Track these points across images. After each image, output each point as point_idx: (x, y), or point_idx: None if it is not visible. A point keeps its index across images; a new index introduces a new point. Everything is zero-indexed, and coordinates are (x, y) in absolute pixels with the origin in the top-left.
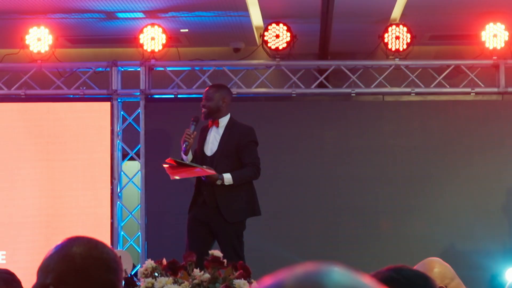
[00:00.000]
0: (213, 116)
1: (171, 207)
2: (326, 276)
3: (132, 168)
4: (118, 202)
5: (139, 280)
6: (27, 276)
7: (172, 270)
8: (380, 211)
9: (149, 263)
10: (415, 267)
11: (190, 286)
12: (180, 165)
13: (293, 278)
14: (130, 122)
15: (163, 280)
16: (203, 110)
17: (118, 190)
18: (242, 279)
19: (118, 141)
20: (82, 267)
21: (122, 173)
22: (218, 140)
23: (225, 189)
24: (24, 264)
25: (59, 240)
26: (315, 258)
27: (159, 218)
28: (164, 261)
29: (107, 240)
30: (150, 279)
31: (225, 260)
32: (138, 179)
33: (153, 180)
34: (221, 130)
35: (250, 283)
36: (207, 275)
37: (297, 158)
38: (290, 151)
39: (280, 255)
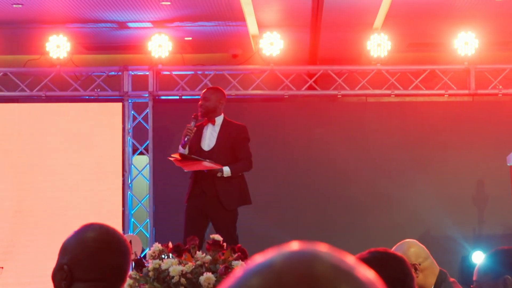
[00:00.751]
0: (209, 115)
1: (176, 196)
2: (316, 254)
3: (141, 162)
4: (129, 192)
5: (147, 261)
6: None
7: (177, 252)
8: (363, 201)
9: (157, 246)
10: (394, 247)
11: (193, 267)
12: (185, 158)
13: (282, 256)
14: (139, 120)
15: (169, 261)
16: (201, 109)
17: (129, 182)
18: (240, 260)
19: (128, 137)
20: (94, 250)
21: (132, 166)
22: (215, 137)
23: (223, 180)
24: (45, 247)
25: (75, 225)
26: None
27: (166, 206)
28: (170, 245)
29: (119, 226)
30: (157, 261)
31: (225, 244)
32: (147, 172)
33: (160, 172)
34: (217, 128)
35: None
36: (208, 257)
37: (288, 152)
38: (282, 146)
39: (272, 239)
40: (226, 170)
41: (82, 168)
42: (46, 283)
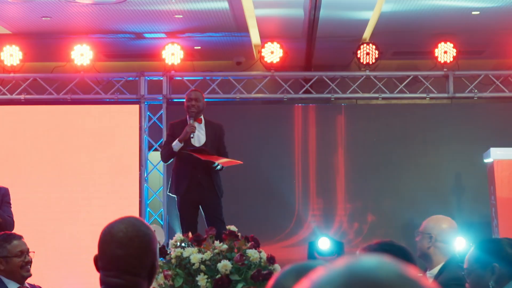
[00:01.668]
0: (198, 114)
1: None
2: (381, 264)
3: (156, 157)
4: (145, 185)
5: (170, 250)
6: (74, 240)
7: (197, 242)
8: (354, 193)
9: (178, 236)
10: (433, 216)
11: (212, 255)
12: (199, 152)
13: (340, 277)
14: (154, 120)
15: (190, 250)
16: (193, 109)
17: (145, 175)
18: (254, 249)
19: (145, 136)
20: (121, 241)
21: (148, 161)
22: (204, 134)
23: (215, 172)
24: (71, 233)
25: (97, 214)
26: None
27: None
28: (190, 235)
29: (136, 215)
30: (179, 249)
31: (239, 234)
32: (161, 166)
33: (173, 167)
34: (202, 126)
35: (259, 252)
36: (225, 246)
37: (286, 149)
38: (282, 144)
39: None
40: (221, 164)
41: (103, 163)
42: (72, 266)
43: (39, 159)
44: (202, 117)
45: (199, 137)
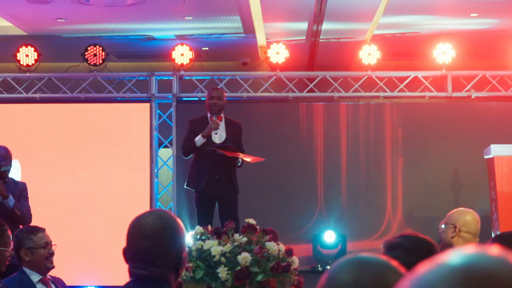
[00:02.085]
0: (220, 112)
1: None
2: (496, 263)
3: (166, 154)
4: (155, 180)
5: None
6: (89, 232)
7: (216, 234)
8: (357, 187)
9: (198, 229)
10: (458, 208)
11: (232, 247)
12: (225, 149)
13: (454, 275)
14: (164, 118)
15: (210, 242)
16: (215, 107)
17: (155, 171)
18: (272, 241)
19: (155, 133)
20: (147, 233)
21: (158, 157)
22: (224, 131)
23: (233, 168)
24: (85, 227)
25: (110, 208)
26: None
27: (187, 192)
28: (210, 228)
29: (146, 209)
30: (200, 242)
31: (258, 227)
32: (171, 162)
33: (182, 162)
34: (223, 123)
35: (278, 245)
36: (244, 239)
37: (291, 146)
38: (287, 141)
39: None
40: (240, 161)
41: (115, 159)
42: (86, 259)
43: (54, 155)
44: (222, 115)
45: (219, 134)
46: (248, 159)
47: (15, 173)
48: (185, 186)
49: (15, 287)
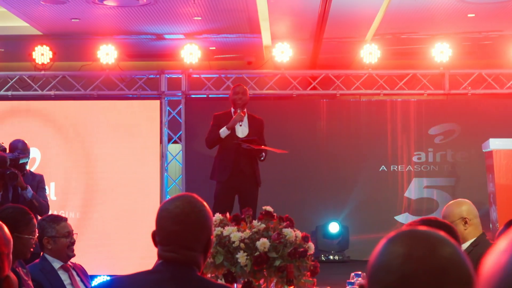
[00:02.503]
0: (244, 107)
1: (204, 177)
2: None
3: (175, 149)
4: (165, 174)
5: None
6: (104, 222)
7: (235, 221)
8: (355, 180)
9: (217, 216)
10: (450, 203)
11: (250, 233)
12: (251, 142)
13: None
14: (174, 115)
15: (229, 229)
16: (240, 102)
17: (165, 165)
18: (289, 228)
19: (165, 129)
20: (178, 217)
21: (168, 152)
22: (247, 126)
23: (257, 162)
24: (98, 218)
25: (122, 200)
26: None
27: (196, 185)
28: (228, 215)
29: (156, 204)
30: (219, 228)
31: (275, 214)
32: (180, 157)
33: (190, 157)
34: (245, 118)
35: (294, 231)
36: (262, 225)
37: (295, 140)
38: (291, 136)
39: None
40: (264, 155)
41: (127, 154)
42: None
43: (68, 150)
44: (245, 110)
45: (242, 129)
46: (273, 150)
47: (35, 161)
48: (210, 179)
49: (38, 273)
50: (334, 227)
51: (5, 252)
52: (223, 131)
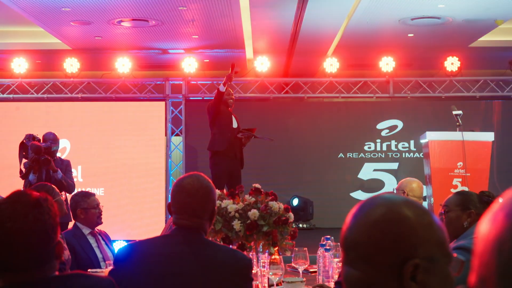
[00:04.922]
0: (232, 102)
1: (201, 163)
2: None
3: (177, 140)
4: (169, 160)
5: None
6: (115, 203)
7: (231, 196)
8: (318, 165)
9: (217, 191)
10: (400, 182)
11: (243, 205)
12: (251, 130)
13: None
14: (176, 113)
15: (226, 202)
16: (231, 100)
17: (169, 152)
18: (274, 201)
19: (169, 124)
20: (189, 191)
21: (171, 143)
22: (236, 120)
23: (242, 147)
24: (113, 196)
25: (135, 182)
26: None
27: (193, 169)
28: (225, 191)
29: (162, 184)
30: (218, 201)
31: (262, 190)
32: (181, 146)
33: (190, 147)
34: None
35: (278, 204)
36: (253, 199)
37: (271, 134)
38: (268, 130)
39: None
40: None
41: (138, 144)
42: (118, 217)
43: (92, 141)
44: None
45: (234, 121)
46: (264, 138)
47: (65, 150)
48: (207, 149)
49: (71, 238)
50: (295, 201)
51: (59, 222)
52: (221, 87)
